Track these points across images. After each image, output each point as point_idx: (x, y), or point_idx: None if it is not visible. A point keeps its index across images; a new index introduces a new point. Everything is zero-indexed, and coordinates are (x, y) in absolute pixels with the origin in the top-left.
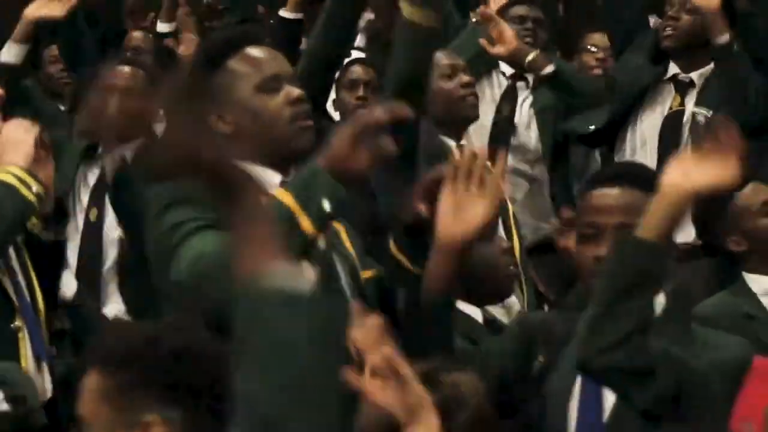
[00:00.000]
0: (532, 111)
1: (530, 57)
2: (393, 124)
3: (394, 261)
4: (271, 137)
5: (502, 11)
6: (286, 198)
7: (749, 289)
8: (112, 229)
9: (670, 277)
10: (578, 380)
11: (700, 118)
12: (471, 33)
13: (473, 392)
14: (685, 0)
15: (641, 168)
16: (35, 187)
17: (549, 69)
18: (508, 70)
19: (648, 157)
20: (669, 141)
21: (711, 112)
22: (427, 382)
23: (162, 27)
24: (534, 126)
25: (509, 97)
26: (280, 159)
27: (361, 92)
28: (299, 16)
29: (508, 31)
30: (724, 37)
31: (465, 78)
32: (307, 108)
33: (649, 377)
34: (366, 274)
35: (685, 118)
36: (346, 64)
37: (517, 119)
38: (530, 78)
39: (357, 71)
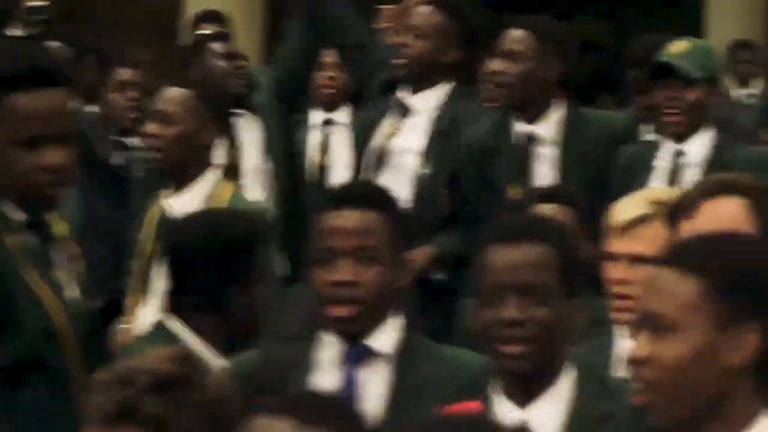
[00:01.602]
0: None
1: None
2: None
3: None
4: (15, 187)
5: None
6: None
7: None
8: None
9: None
10: None
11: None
12: None
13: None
14: (416, 26)
15: (375, 187)
16: None
17: None
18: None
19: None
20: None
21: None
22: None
23: None
24: None
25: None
26: (21, 200)
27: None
28: None
29: None
30: None
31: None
32: (66, 176)
33: None
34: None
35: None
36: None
37: None
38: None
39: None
